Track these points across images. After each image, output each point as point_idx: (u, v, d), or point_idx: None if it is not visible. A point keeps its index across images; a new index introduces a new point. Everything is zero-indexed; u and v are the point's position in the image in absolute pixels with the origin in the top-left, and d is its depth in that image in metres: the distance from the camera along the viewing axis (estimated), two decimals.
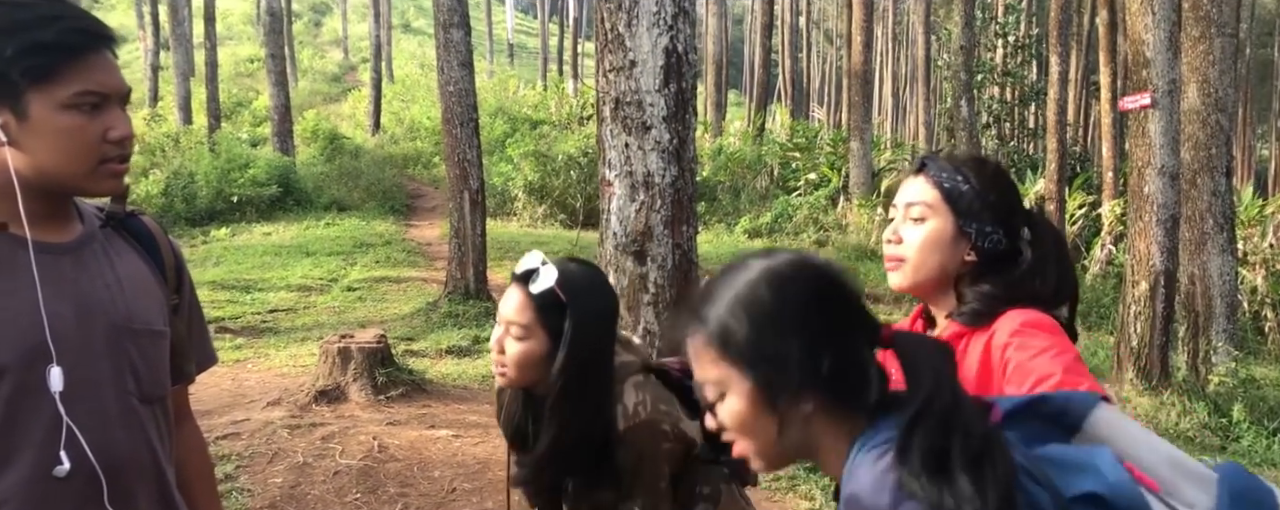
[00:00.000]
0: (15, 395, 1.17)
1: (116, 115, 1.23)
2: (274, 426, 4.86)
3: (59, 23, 1.19)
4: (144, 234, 1.38)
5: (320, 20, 43.64)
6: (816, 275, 1.03)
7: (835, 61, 40.76)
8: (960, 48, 14.67)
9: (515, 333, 1.56)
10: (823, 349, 0.99)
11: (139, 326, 1.30)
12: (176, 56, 19.63)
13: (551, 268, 1.56)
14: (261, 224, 13.55)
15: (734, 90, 40.40)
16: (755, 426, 1.01)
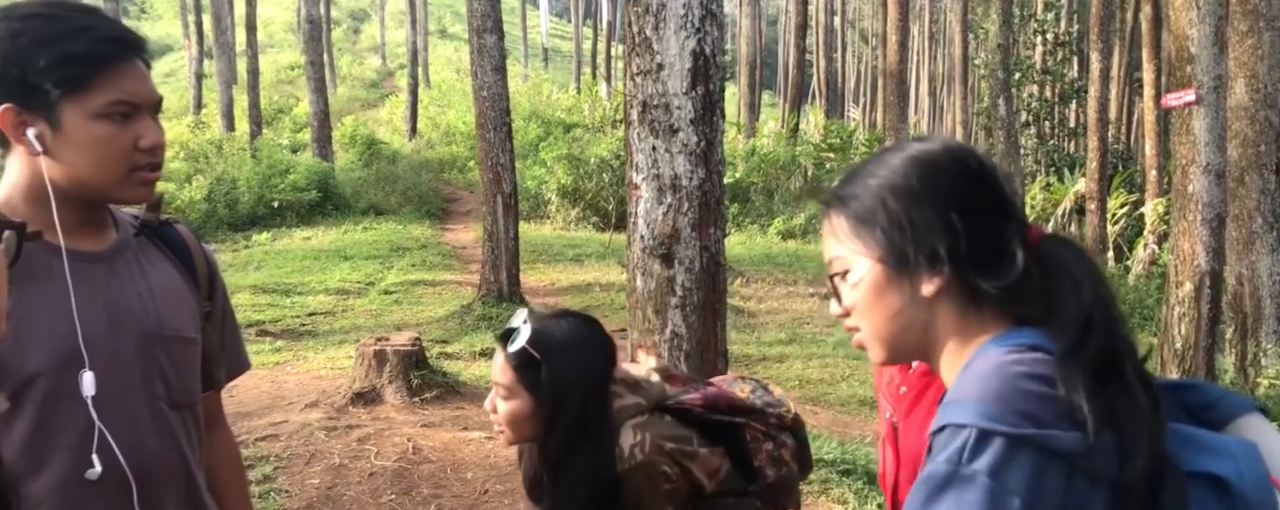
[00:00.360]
0: (48, 400, 1.20)
1: (147, 124, 1.25)
2: (312, 428, 4.95)
3: (90, 33, 1.20)
4: (177, 242, 1.40)
5: (359, 27, 44.32)
6: (966, 155, 1.00)
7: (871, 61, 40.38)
8: (998, 46, 14.44)
9: (501, 393, 1.58)
10: (962, 224, 0.95)
11: (169, 333, 1.32)
12: (219, 64, 20.07)
13: (527, 327, 1.56)
14: (301, 228, 13.80)
15: (768, 91, 40.21)
16: (876, 304, 0.99)
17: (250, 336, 7.49)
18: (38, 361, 1.19)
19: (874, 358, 1.03)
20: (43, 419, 1.20)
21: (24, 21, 1.20)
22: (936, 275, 0.96)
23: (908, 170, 0.99)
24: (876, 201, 0.99)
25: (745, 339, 7.72)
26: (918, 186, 0.98)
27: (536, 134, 18.38)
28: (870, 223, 0.99)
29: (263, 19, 29.68)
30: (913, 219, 0.96)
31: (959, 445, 0.87)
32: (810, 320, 8.56)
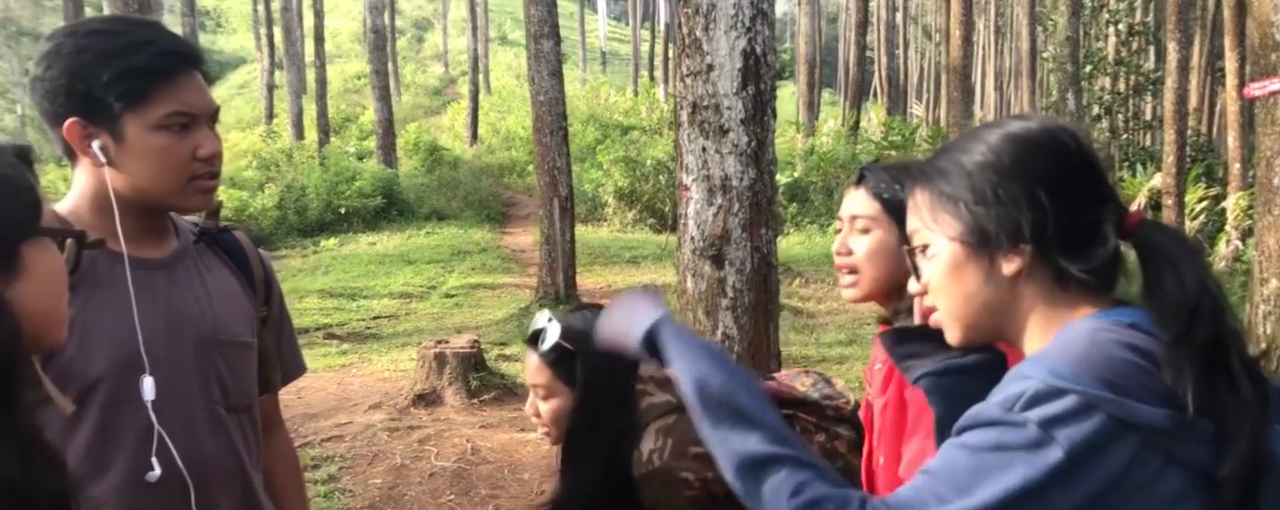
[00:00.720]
0: (110, 404, 1.23)
1: (204, 134, 1.28)
2: (375, 429, 5.06)
3: (150, 47, 1.24)
4: (235, 249, 1.44)
5: (423, 36, 45.24)
6: (1064, 134, 0.97)
7: (934, 57, 39.55)
8: (1067, 38, 13.94)
9: (540, 394, 1.59)
10: (1050, 203, 0.92)
11: (226, 338, 1.35)
12: (289, 75, 20.72)
13: (556, 324, 1.58)
14: (367, 234, 14.13)
15: (828, 89, 39.70)
16: (954, 282, 0.97)
17: (318, 339, 7.70)
18: (100, 366, 1.22)
19: (951, 338, 1.01)
20: (105, 423, 1.23)
21: (88, 38, 1.25)
22: (1017, 254, 0.94)
23: (1000, 146, 0.96)
24: (962, 177, 0.97)
25: (804, 340, 7.62)
26: (1007, 163, 0.95)
27: (594, 137, 18.49)
28: (953, 198, 0.97)
29: (330, 30, 30.53)
30: (997, 195, 0.94)
31: (1015, 393, 0.85)
32: (871, 321, 8.40)
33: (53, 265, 0.85)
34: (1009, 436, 0.83)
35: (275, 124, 22.55)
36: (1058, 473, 0.82)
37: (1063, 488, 0.82)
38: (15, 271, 0.80)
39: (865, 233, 1.46)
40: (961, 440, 0.87)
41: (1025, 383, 0.85)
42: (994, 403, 0.86)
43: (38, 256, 0.82)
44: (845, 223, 1.50)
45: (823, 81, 29.25)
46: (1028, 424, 0.82)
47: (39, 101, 1.26)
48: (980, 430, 0.86)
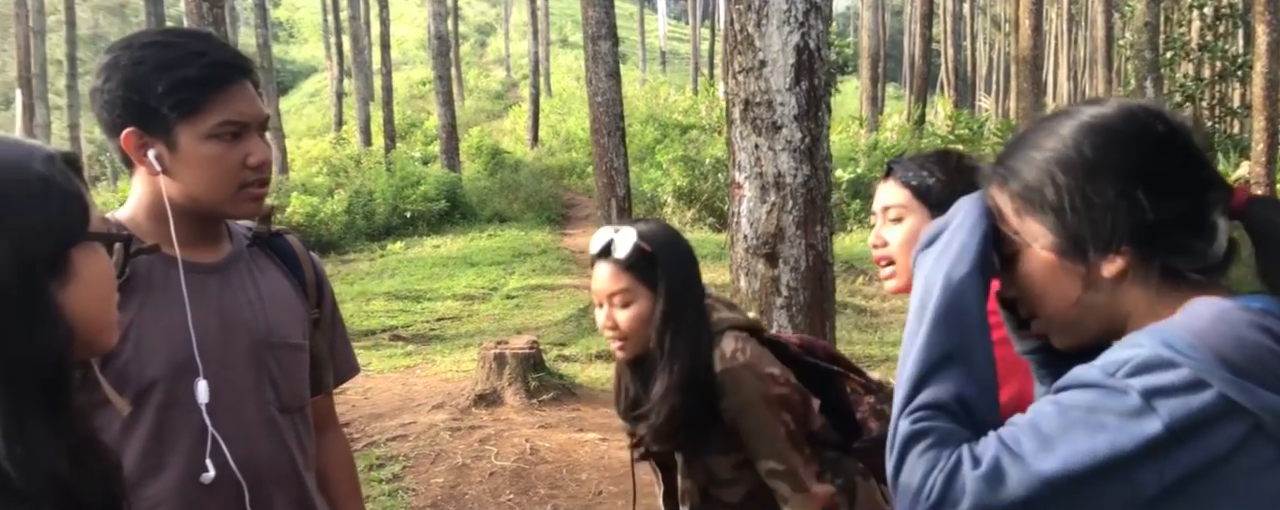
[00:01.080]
0: (165, 406, 1.26)
1: (254, 142, 1.31)
2: (437, 429, 5.14)
3: (202, 58, 1.27)
4: (288, 253, 1.46)
5: (485, 41, 45.95)
6: (1148, 118, 0.89)
7: (1003, 48, 38.44)
8: (1145, 24, 13.37)
9: (619, 301, 1.62)
10: (1147, 199, 0.86)
11: (278, 340, 1.37)
12: (357, 83, 21.26)
13: (627, 229, 1.63)
14: (431, 237, 14.40)
15: (893, 84, 38.96)
16: (1051, 291, 0.91)
17: (384, 341, 7.87)
18: (156, 369, 1.25)
19: (1058, 343, 0.95)
20: (160, 424, 1.26)
21: (144, 50, 1.28)
22: (1118, 257, 0.87)
23: (1079, 139, 0.88)
24: (1042, 178, 0.89)
25: (867, 339, 7.48)
26: (1092, 158, 0.87)
27: (653, 137, 18.50)
28: (1038, 203, 0.89)
29: (396, 38, 31.25)
30: (1086, 197, 0.87)
31: (1121, 359, 0.80)
32: None
33: (102, 270, 0.87)
34: (1106, 400, 0.79)
35: (344, 131, 23.16)
36: (1151, 445, 0.76)
37: (1154, 462, 0.77)
38: (67, 276, 0.82)
39: (897, 221, 1.47)
40: (1056, 398, 0.83)
41: (1134, 350, 0.80)
42: (1096, 366, 0.82)
43: (88, 261, 0.84)
44: (878, 215, 1.51)
45: (887, 75, 28.70)
46: (1129, 391, 0.78)
47: (98, 112, 1.30)
48: (1077, 390, 0.81)
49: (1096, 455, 0.77)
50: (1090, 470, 0.77)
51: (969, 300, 0.90)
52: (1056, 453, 0.78)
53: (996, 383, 0.90)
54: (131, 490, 1.23)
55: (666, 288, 1.61)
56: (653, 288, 1.62)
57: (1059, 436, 0.79)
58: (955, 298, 0.89)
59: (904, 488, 0.84)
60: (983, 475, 0.80)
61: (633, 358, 1.68)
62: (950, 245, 0.93)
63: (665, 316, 1.61)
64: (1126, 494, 0.78)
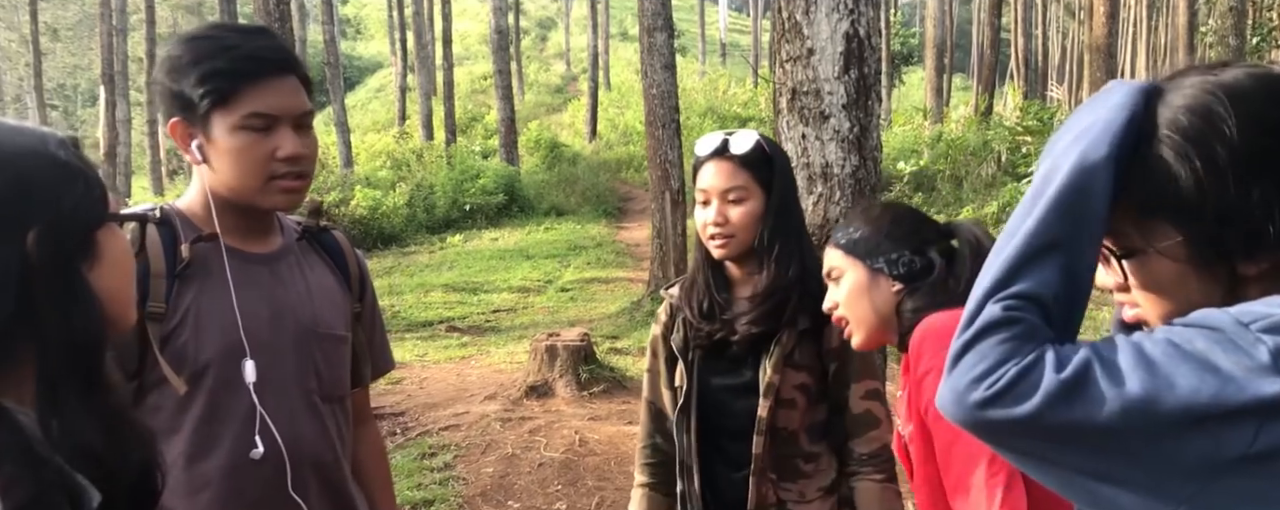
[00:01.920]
0: (218, 388, 1.31)
1: (285, 135, 1.33)
2: (489, 419, 5.20)
3: (233, 51, 1.30)
4: (334, 248, 1.51)
5: (546, 35, 46.28)
6: None
7: (1077, 36, 37.11)
8: (1230, 8, 12.75)
9: (734, 196, 1.68)
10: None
11: (324, 331, 1.41)
12: (420, 78, 21.65)
13: (747, 131, 1.73)
14: (490, 230, 14.58)
15: (960, 74, 37.96)
16: (1177, 292, 0.81)
17: (440, 332, 7.99)
18: (210, 352, 1.31)
19: (1154, 322, 0.85)
20: (213, 406, 1.31)
21: (188, 43, 1.33)
22: (1264, 257, 0.76)
23: (1222, 115, 0.76)
24: (1178, 157, 0.77)
25: None
26: (1226, 139, 0.75)
27: (712, 129, 18.33)
28: (1160, 192, 0.78)
29: (458, 33, 31.68)
30: (1223, 192, 0.75)
31: (1259, 313, 0.70)
32: None
33: (123, 249, 0.89)
34: (1230, 347, 0.69)
35: (407, 125, 23.59)
36: (1261, 406, 0.67)
37: (1254, 424, 0.68)
38: (94, 257, 0.84)
39: (839, 280, 1.49)
40: (1171, 330, 0.72)
41: (1276, 309, 0.71)
42: (1230, 312, 0.72)
43: (110, 242, 0.87)
44: (827, 280, 1.54)
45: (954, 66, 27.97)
46: (1259, 345, 0.69)
47: (157, 104, 1.38)
48: (1199, 329, 0.72)
49: (1197, 398, 0.68)
50: (1183, 412, 0.69)
51: (1096, 189, 0.77)
52: (1156, 382, 0.69)
53: (1090, 290, 0.79)
54: (186, 468, 1.30)
55: (781, 189, 1.69)
56: (766, 188, 1.69)
57: (1165, 366, 0.70)
58: (1082, 182, 0.76)
59: (964, 372, 0.74)
60: (1065, 380, 0.71)
61: (729, 256, 1.73)
62: (1092, 126, 0.79)
63: (777, 216, 1.68)
64: (1208, 449, 0.69)
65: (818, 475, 1.73)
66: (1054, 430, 0.71)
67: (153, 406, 1.29)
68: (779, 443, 1.71)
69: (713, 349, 1.76)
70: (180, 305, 1.30)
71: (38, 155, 0.81)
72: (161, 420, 1.28)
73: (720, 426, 1.78)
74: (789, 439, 1.73)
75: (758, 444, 1.69)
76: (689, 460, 1.79)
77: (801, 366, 1.70)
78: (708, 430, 1.79)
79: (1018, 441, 0.74)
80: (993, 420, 0.73)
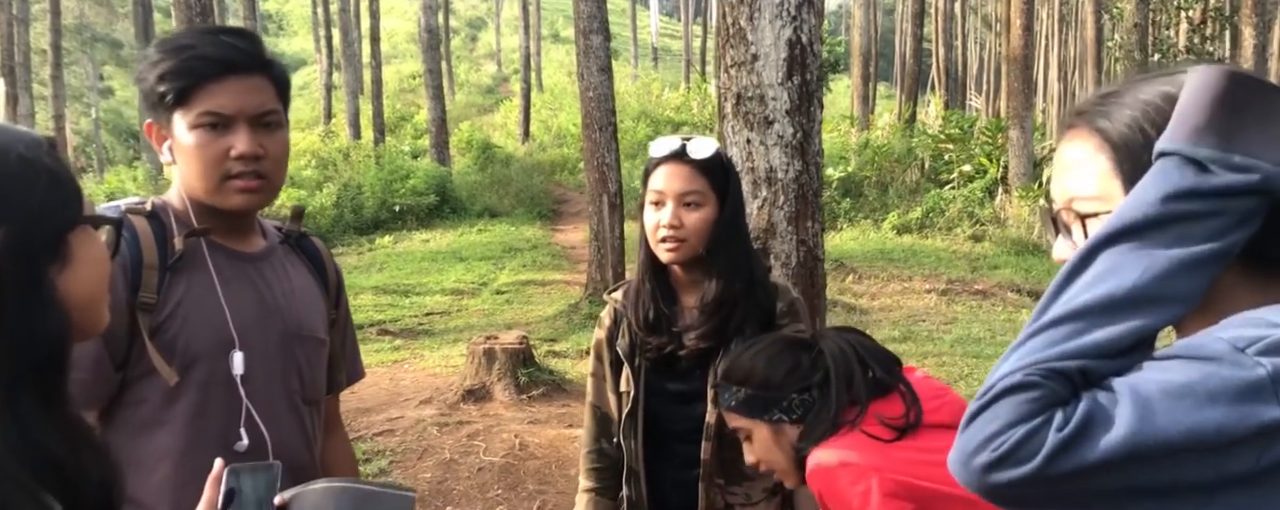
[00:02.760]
0: (206, 382, 1.32)
1: (240, 134, 1.33)
2: (425, 424, 5.11)
3: (189, 51, 1.32)
4: (314, 253, 1.53)
5: (476, 35, 45.80)
6: (1263, 80, 0.80)
7: (994, 48, 38.56)
8: (1135, 25, 13.47)
9: (691, 201, 1.69)
10: None
11: (307, 333, 1.43)
12: (347, 76, 21.16)
13: (703, 138, 1.73)
14: (420, 231, 14.34)
15: (884, 83, 39.03)
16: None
17: (371, 335, 7.82)
18: (200, 345, 1.32)
19: None
20: (202, 399, 1.33)
21: (156, 46, 1.36)
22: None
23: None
24: (1150, 135, 0.79)
25: None
26: None
27: (645, 133, 18.47)
28: (1136, 167, 0.80)
29: (386, 31, 31.10)
30: None
31: (1252, 336, 0.71)
32: (926, 317, 8.22)
33: (97, 252, 0.87)
34: (1227, 375, 0.70)
35: (333, 124, 23.04)
36: (1264, 430, 0.69)
37: (1258, 446, 0.69)
38: (65, 261, 0.82)
39: (748, 438, 1.47)
40: (1164, 365, 0.73)
41: (1269, 330, 0.72)
42: (1222, 338, 0.73)
43: (83, 244, 0.84)
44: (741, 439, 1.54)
45: (878, 74, 28.75)
46: (1258, 369, 0.70)
47: (139, 106, 1.39)
48: (1191, 361, 0.72)
49: (1201, 431, 0.69)
50: (1187, 445, 0.69)
51: (1194, 226, 0.74)
52: (1155, 421, 0.70)
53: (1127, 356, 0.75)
54: (179, 462, 1.30)
55: (733, 199, 1.72)
56: (720, 195, 1.70)
57: (1162, 407, 0.70)
58: (1172, 214, 0.73)
59: (972, 435, 0.74)
60: (1065, 436, 0.71)
61: (677, 261, 1.73)
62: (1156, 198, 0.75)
63: (728, 226, 1.70)
64: (1211, 473, 0.70)
65: (763, 477, 1.73)
66: (1056, 490, 0.72)
67: (137, 399, 1.30)
68: (726, 446, 1.73)
69: (661, 359, 1.76)
70: (171, 297, 1.31)
71: (4, 155, 0.78)
72: (146, 412, 1.30)
73: (669, 431, 1.79)
74: (736, 443, 1.72)
75: (706, 450, 1.71)
76: (636, 466, 1.79)
77: None
78: (656, 434, 1.79)
79: (1025, 502, 0.74)
80: (997, 483, 0.73)
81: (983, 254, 11.41)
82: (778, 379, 1.41)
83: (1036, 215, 12.29)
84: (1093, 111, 0.86)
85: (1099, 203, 0.84)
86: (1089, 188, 0.84)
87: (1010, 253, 11.38)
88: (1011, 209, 13.02)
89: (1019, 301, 8.89)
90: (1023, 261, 10.85)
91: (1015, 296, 9.05)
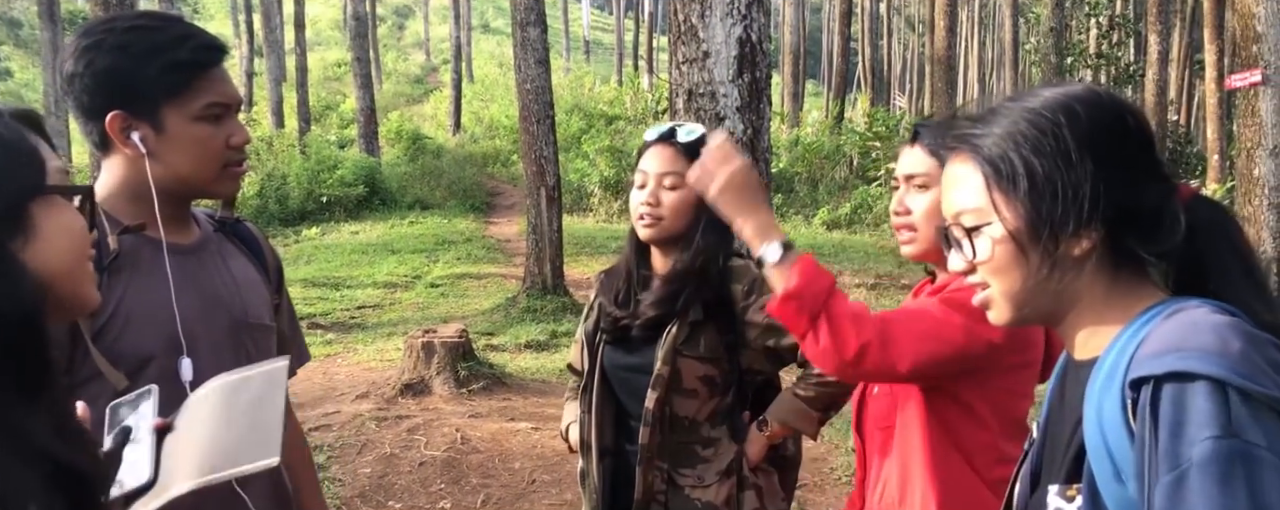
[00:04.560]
0: (159, 381, 1.27)
1: (235, 123, 1.36)
2: (362, 419, 5.03)
3: (191, 41, 1.31)
4: (250, 238, 1.51)
5: (403, 24, 44.83)
6: (1117, 106, 0.91)
7: (918, 48, 39.67)
8: (1050, 29, 14.04)
9: (670, 182, 1.75)
10: (1117, 184, 0.88)
11: (254, 321, 1.42)
12: (269, 63, 20.48)
13: (696, 124, 1.81)
14: (349, 223, 14.01)
15: (812, 80, 39.76)
16: (1015, 265, 0.91)
17: (302, 329, 7.62)
18: (150, 345, 1.30)
19: (999, 317, 0.96)
20: None
21: (128, 34, 1.30)
22: (1086, 237, 0.89)
23: (1055, 119, 0.89)
24: (1018, 155, 0.90)
25: None
26: (1070, 140, 0.88)
27: (579, 127, 18.41)
28: (1009, 178, 0.90)
29: (310, 17, 30.14)
30: (1064, 176, 0.88)
31: (1217, 410, 0.76)
32: None
33: (69, 224, 0.82)
34: (1246, 453, 0.75)
35: (255, 112, 22.26)
36: None
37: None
38: (29, 233, 0.77)
39: (923, 189, 1.48)
40: (1192, 485, 0.75)
41: (1216, 393, 0.77)
42: (1208, 432, 0.76)
43: (51, 215, 0.80)
44: (902, 181, 1.52)
45: (807, 72, 29.27)
46: (1259, 450, 0.75)
47: (77, 96, 1.31)
48: (1214, 464, 0.75)
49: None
50: None
51: None
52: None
53: None
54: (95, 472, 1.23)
55: None
56: None
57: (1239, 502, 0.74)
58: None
59: None
60: None
61: (655, 239, 1.79)
62: None
63: (710, 211, 1.74)
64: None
65: (717, 459, 1.79)
66: None
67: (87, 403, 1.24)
68: (677, 431, 1.78)
69: (619, 333, 1.83)
70: (111, 298, 1.27)
71: None
72: (95, 416, 1.22)
73: (627, 408, 1.85)
74: (689, 427, 1.79)
75: (644, 434, 1.76)
76: (588, 439, 1.85)
77: (707, 359, 1.76)
78: (617, 410, 1.86)
79: None
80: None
81: None
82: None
83: None
84: (969, 134, 0.95)
85: (978, 216, 0.93)
86: (970, 202, 0.94)
87: None
88: None
89: None
90: None
91: None
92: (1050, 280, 0.91)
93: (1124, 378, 0.83)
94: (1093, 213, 0.88)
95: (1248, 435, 0.75)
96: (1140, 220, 0.89)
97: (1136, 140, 0.91)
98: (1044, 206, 0.89)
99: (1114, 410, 0.84)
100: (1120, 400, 0.83)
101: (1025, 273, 0.91)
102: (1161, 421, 0.78)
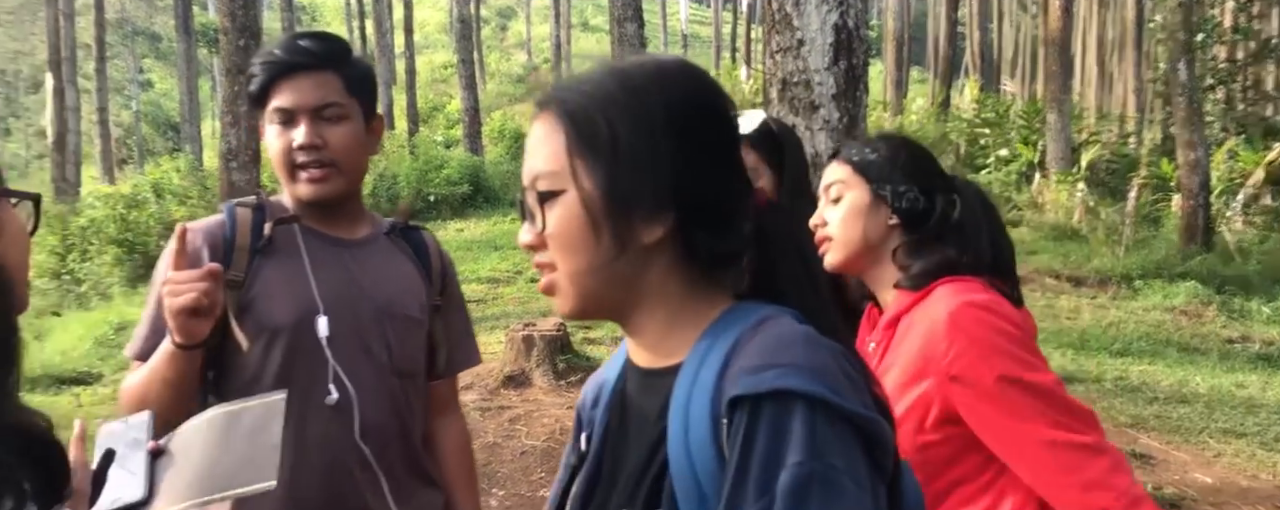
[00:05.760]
0: (294, 345, 1.43)
1: (300, 127, 1.44)
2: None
3: (264, 55, 1.45)
4: (419, 244, 1.63)
5: (506, 24, 45.93)
6: (713, 86, 0.85)
7: (1030, 30, 37.86)
8: (1178, 4, 13.15)
9: None
10: (696, 168, 0.81)
11: (398, 311, 1.51)
12: (380, 67, 21.33)
13: (752, 111, 1.76)
14: (455, 221, 14.46)
15: (917, 67, 38.54)
16: (583, 242, 0.82)
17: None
18: (285, 314, 1.43)
19: (564, 307, 0.86)
20: (289, 362, 1.43)
21: (256, 53, 1.52)
22: (659, 222, 0.81)
23: (647, 89, 0.82)
24: (602, 118, 0.81)
25: None
26: (660, 109, 0.81)
27: None
28: (590, 143, 0.81)
29: (418, 21, 31.26)
30: (646, 147, 0.80)
31: (807, 432, 0.72)
32: None
33: (19, 225, 0.89)
34: (834, 480, 0.72)
35: None
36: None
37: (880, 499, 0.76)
38: None
39: (838, 199, 1.44)
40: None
41: (792, 421, 0.72)
42: (802, 455, 0.71)
43: (10, 217, 0.87)
44: (821, 196, 1.48)
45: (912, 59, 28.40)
46: (840, 475, 0.72)
47: None
48: (793, 493, 0.71)
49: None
50: None
51: None
52: None
53: None
54: None
55: (793, 171, 1.72)
56: (775, 167, 1.70)
57: None
58: None
59: None
60: None
61: None
62: None
63: (790, 198, 1.69)
64: None
65: None
66: None
67: (236, 366, 1.43)
68: None
69: None
70: (258, 276, 1.44)
71: None
72: (247, 375, 1.41)
73: None
74: None
75: None
76: None
77: None
78: None
79: None
80: None
81: (1020, 239, 11.26)
82: (910, 168, 1.42)
83: (1075, 200, 12.11)
84: (557, 90, 0.86)
85: (553, 181, 0.83)
86: (548, 165, 0.83)
87: (1048, 238, 11.23)
88: (1049, 194, 12.83)
89: (1057, 287, 8.78)
90: (1061, 247, 10.70)
91: (1053, 282, 8.94)
92: (620, 265, 0.81)
93: (714, 394, 0.77)
94: (668, 195, 0.80)
95: (829, 456, 0.71)
96: (712, 215, 0.82)
97: (724, 127, 0.84)
98: (623, 178, 0.80)
99: (702, 429, 0.76)
100: (710, 418, 0.76)
101: (594, 253, 0.81)
102: (757, 445, 0.72)
